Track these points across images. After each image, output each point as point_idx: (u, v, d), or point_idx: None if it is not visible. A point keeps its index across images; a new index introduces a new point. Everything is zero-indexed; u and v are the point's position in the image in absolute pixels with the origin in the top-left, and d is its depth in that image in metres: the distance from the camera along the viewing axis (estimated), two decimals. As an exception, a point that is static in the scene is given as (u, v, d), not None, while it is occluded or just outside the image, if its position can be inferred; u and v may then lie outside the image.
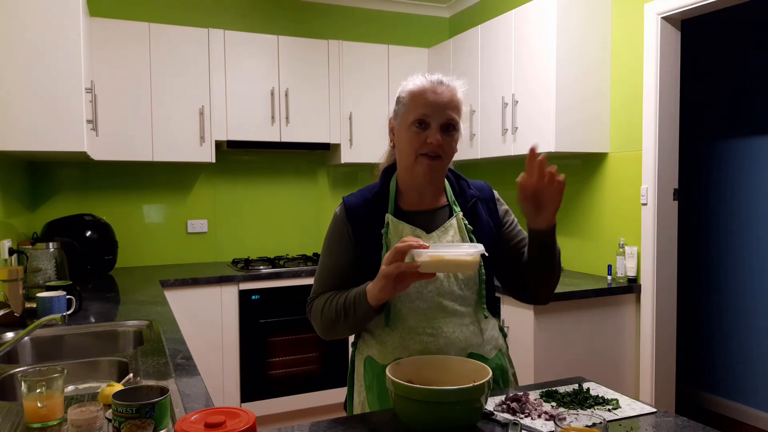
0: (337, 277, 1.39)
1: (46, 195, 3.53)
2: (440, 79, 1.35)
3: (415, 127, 1.31)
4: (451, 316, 1.33)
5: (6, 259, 2.50)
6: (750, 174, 3.57)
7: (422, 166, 1.32)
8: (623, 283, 2.97)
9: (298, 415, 3.56)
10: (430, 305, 1.32)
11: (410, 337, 1.32)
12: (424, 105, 1.31)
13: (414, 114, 1.31)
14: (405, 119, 1.34)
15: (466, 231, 1.38)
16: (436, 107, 1.31)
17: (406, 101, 1.34)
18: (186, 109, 3.48)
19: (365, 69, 3.94)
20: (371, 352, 1.38)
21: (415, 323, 1.32)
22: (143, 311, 2.34)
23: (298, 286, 3.52)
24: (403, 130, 1.34)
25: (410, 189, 1.40)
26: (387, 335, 1.35)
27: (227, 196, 3.97)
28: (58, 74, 2.41)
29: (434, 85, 1.33)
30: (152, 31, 3.39)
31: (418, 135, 1.31)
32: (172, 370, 1.53)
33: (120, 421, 0.99)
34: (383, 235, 1.36)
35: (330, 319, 1.36)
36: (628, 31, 3.04)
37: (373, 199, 1.41)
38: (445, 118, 1.31)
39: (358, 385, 1.43)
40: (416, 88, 1.34)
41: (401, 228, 1.37)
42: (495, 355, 1.40)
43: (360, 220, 1.39)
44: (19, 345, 1.91)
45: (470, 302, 1.36)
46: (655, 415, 1.19)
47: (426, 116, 1.31)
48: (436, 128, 1.31)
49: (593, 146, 3.14)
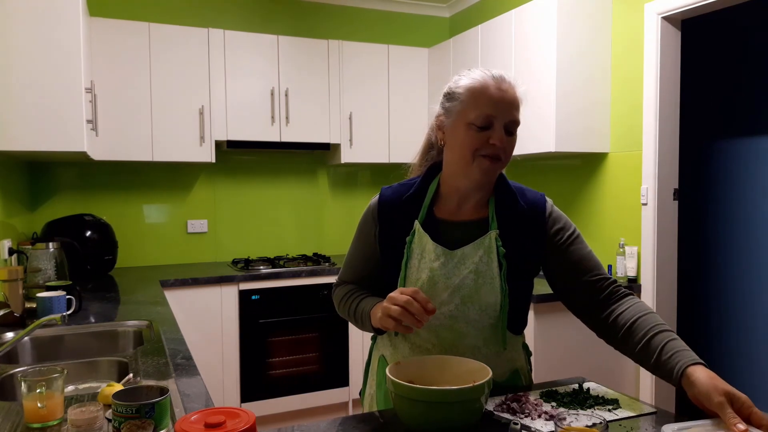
0: (360, 270, 1.43)
1: (46, 195, 3.52)
2: (502, 75, 1.23)
3: (477, 127, 1.20)
4: (463, 338, 1.28)
5: (6, 259, 2.50)
6: (750, 174, 3.57)
7: (481, 168, 1.21)
8: (623, 283, 2.97)
9: (298, 415, 3.55)
10: (442, 324, 1.28)
11: (419, 352, 1.31)
12: (487, 103, 1.20)
13: (476, 112, 1.20)
14: (463, 117, 1.22)
15: (497, 254, 1.25)
16: (501, 106, 1.20)
17: (464, 97, 1.22)
18: (186, 109, 3.48)
19: (365, 69, 3.94)
20: (385, 351, 1.39)
21: (425, 338, 1.29)
22: (143, 311, 2.34)
23: (298, 286, 3.52)
24: (461, 128, 1.22)
25: (453, 194, 1.30)
26: (399, 342, 1.34)
27: (227, 196, 3.97)
28: (58, 74, 2.41)
29: (497, 81, 1.22)
30: (152, 31, 3.39)
31: (479, 135, 1.20)
32: (172, 370, 1.53)
33: (120, 421, 0.99)
34: (407, 244, 1.29)
35: (346, 316, 1.43)
36: (628, 31, 3.04)
37: (407, 200, 1.32)
38: (510, 117, 1.21)
39: (371, 379, 1.45)
40: (477, 84, 1.22)
41: (425, 242, 1.27)
42: (507, 378, 1.34)
43: (388, 221, 1.33)
44: (19, 345, 1.91)
45: (486, 326, 1.29)
46: (655, 415, 1.19)
47: (491, 116, 1.19)
48: (500, 128, 1.20)
49: (593, 146, 3.14)
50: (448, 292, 1.26)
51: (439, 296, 1.26)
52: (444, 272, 1.26)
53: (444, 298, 1.26)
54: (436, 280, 1.26)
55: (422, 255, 1.28)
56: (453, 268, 1.26)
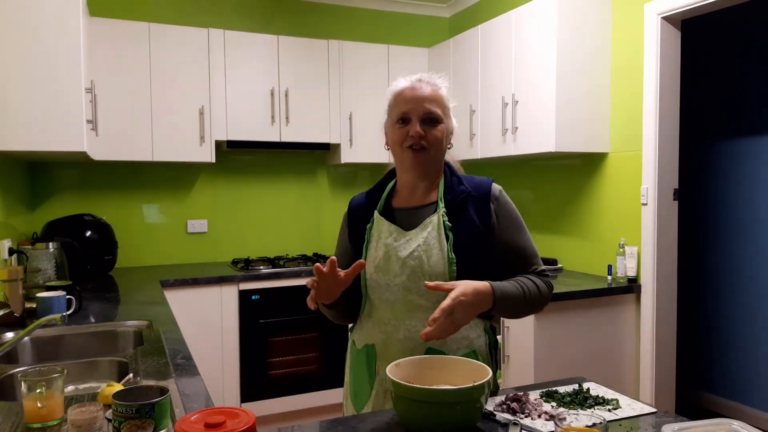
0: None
1: (46, 195, 3.53)
2: (420, 77, 1.44)
3: (399, 124, 1.40)
4: (416, 311, 1.37)
5: (6, 259, 2.50)
6: (750, 174, 3.57)
7: (408, 158, 1.40)
8: (623, 283, 2.97)
9: (298, 415, 3.56)
10: (397, 298, 1.39)
11: (377, 327, 1.42)
12: (404, 102, 1.40)
13: (396, 111, 1.41)
14: (391, 118, 1.44)
15: (444, 228, 1.38)
16: (414, 102, 1.39)
17: (391, 102, 1.46)
18: (186, 109, 3.48)
19: (365, 69, 3.94)
20: (355, 336, 1.52)
21: (383, 314, 1.41)
22: (143, 311, 2.34)
23: (298, 286, 3.52)
24: (390, 127, 1.44)
25: (404, 186, 1.47)
26: (364, 322, 1.48)
27: (227, 196, 3.97)
28: (58, 74, 2.41)
29: (413, 83, 1.42)
30: (152, 31, 3.39)
31: (401, 130, 1.40)
32: (172, 370, 1.53)
33: (120, 421, 0.99)
34: (367, 231, 1.46)
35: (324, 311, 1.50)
36: (628, 31, 3.04)
37: (370, 196, 1.52)
38: (423, 111, 1.38)
39: (347, 367, 1.57)
40: (398, 89, 1.44)
41: (381, 225, 1.44)
42: (463, 354, 1.36)
43: (357, 216, 1.52)
44: (19, 345, 1.91)
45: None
46: (655, 415, 1.19)
47: (406, 112, 1.39)
48: (416, 121, 1.38)
49: (593, 146, 3.14)
50: (399, 263, 1.38)
51: (393, 269, 1.39)
52: (396, 246, 1.40)
53: (396, 270, 1.38)
54: (390, 255, 1.40)
55: (379, 236, 1.43)
56: (405, 242, 1.40)
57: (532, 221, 3.68)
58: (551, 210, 3.59)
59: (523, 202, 3.78)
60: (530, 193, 3.76)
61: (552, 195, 3.59)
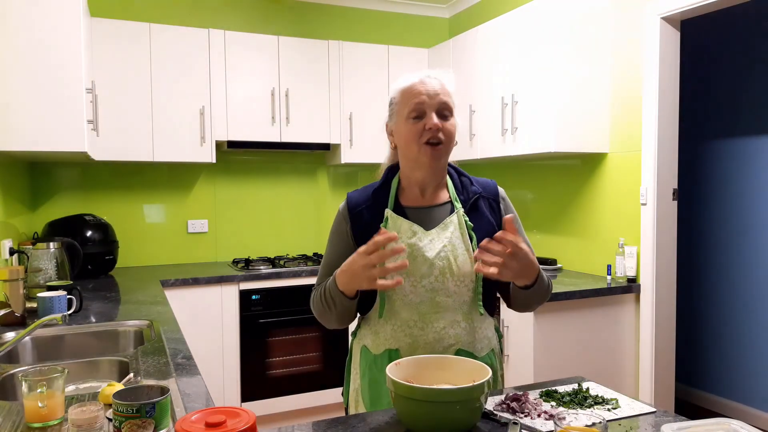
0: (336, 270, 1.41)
1: (46, 195, 3.53)
2: (427, 72, 1.40)
3: (412, 119, 1.35)
4: (443, 311, 1.35)
5: (7, 259, 2.50)
6: (750, 174, 3.57)
7: (426, 154, 1.34)
8: (623, 283, 2.97)
9: (299, 415, 3.56)
10: (423, 300, 1.34)
11: (401, 330, 1.36)
12: (415, 95, 1.35)
13: (408, 106, 1.35)
14: (401, 115, 1.37)
15: (466, 227, 1.38)
16: (428, 95, 1.35)
17: (398, 99, 1.39)
18: (186, 109, 3.48)
19: (365, 69, 3.95)
20: (366, 341, 1.43)
21: (407, 316, 1.35)
22: (144, 311, 2.34)
23: (299, 286, 3.52)
24: (402, 125, 1.37)
25: (412, 185, 1.42)
26: (380, 326, 1.39)
27: (227, 196, 3.98)
28: (59, 74, 2.41)
29: (422, 77, 1.38)
30: (152, 31, 3.39)
31: (416, 125, 1.34)
32: (172, 370, 1.54)
33: (120, 420, 0.99)
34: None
35: (321, 310, 1.42)
36: (628, 31, 3.04)
37: (374, 195, 1.44)
38: (438, 103, 1.35)
39: (354, 372, 1.49)
40: (405, 84, 1.39)
41: (399, 223, 1.38)
42: (486, 354, 1.40)
43: (360, 216, 1.42)
44: (20, 345, 1.92)
45: (465, 299, 1.37)
46: (655, 415, 1.20)
47: (420, 105, 1.34)
48: (431, 114, 1.34)
49: (593, 146, 3.14)
50: (427, 264, 1.34)
51: (420, 269, 1.34)
52: (421, 246, 1.35)
53: (424, 270, 1.34)
54: (416, 255, 1.35)
55: (399, 236, 1.35)
56: (429, 242, 1.36)
57: (532, 221, 3.69)
58: (551, 210, 3.59)
59: (523, 202, 3.78)
60: (530, 193, 3.76)
61: (551, 195, 3.59)
